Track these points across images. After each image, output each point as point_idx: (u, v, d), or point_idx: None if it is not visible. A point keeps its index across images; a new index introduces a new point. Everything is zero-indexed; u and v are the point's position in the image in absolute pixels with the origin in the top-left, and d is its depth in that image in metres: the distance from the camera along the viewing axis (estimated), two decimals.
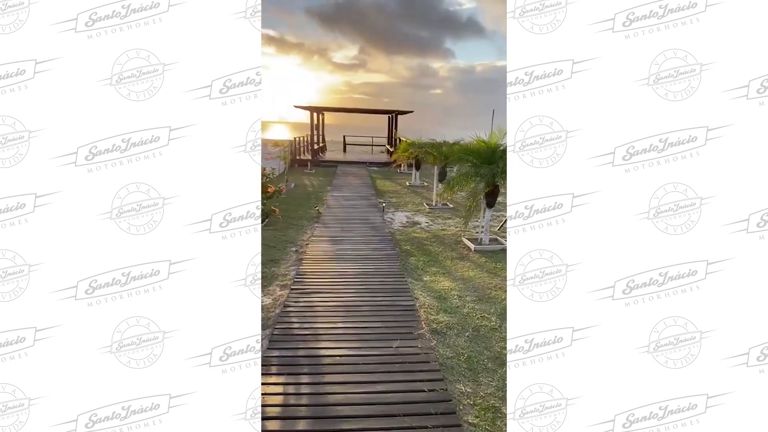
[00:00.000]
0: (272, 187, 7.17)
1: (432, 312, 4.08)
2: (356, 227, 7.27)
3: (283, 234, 6.62)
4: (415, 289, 4.63)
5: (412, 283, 4.82)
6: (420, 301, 4.32)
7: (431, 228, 7.57)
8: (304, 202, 9.49)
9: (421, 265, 5.46)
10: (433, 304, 4.27)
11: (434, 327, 3.77)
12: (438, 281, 4.93)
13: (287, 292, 4.39)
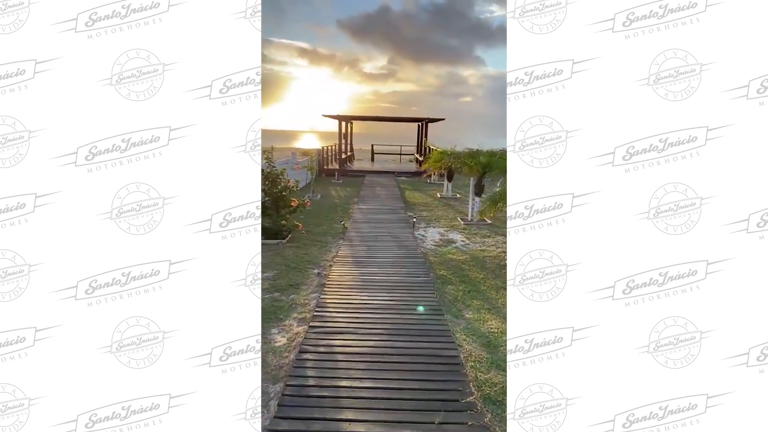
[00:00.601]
0: (296, 201, 6.92)
1: (482, 368, 3.14)
2: (384, 246, 6.43)
3: (306, 252, 6.05)
4: (456, 330, 3.73)
5: (452, 322, 3.92)
6: (464, 349, 3.41)
7: (469, 248, 6.52)
8: (329, 214, 8.87)
9: (461, 297, 4.52)
10: (481, 355, 3.34)
11: (487, 392, 2.83)
12: (483, 320, 4.00)
13: (305, 330, 3.67)
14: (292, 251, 6.04)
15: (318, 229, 7.45)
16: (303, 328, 3.73)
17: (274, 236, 6.47)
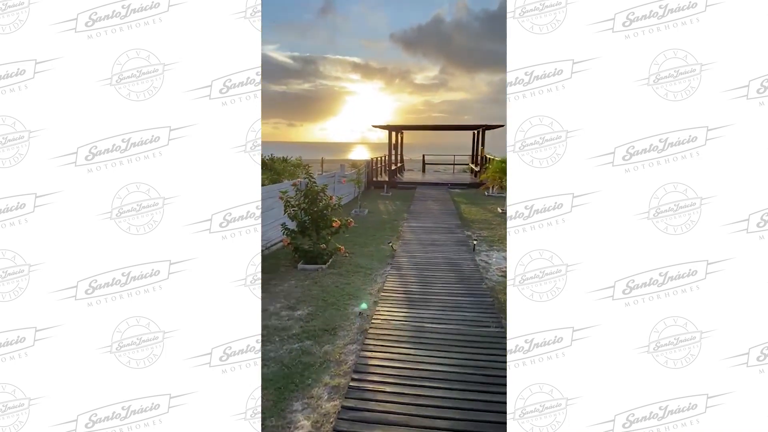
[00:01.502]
0: (338, 221, 6.09)
1: None
2: (440, 277, 5.36)
3: (347, 282, 5.24)
4: None
5: None
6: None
7: None
8: (377, 233, 8.10)
9: None
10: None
11: None
12: None
13: (337, 407, 2.71)
14: (332, 280, 5.32)
15: (363, 251, 6.71)
16: (334, 405, 2.74)
17: (313, 260, 5.81)
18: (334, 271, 5.69)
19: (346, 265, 5.95)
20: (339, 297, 4.75)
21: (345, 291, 4.94)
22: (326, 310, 4.37)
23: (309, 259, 5.83)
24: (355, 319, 4.16)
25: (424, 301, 4.56)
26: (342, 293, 4.86)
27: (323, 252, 5.85)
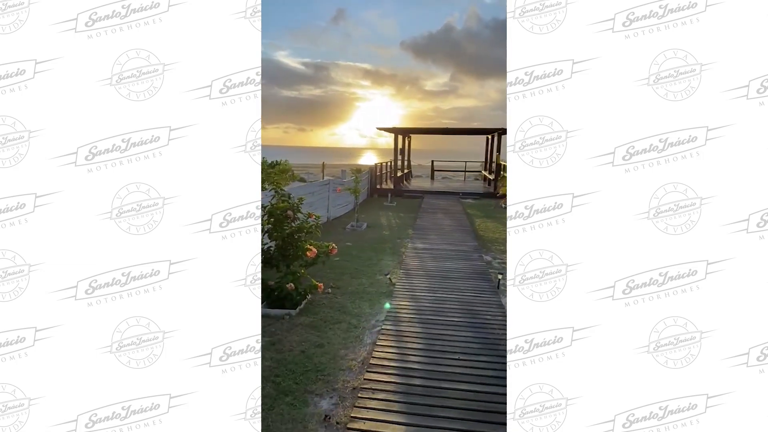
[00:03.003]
0: (313, 250, 4.50)
1: None
2: (453, 335, 3.77)
3: (320, 341, 3.65)
4: None
5: None
6: None
7: None
8: (373, 255, 6.49)
9: None
10: None
11: None
12: None
13: None
14: (300, 337, 3.73)
15: (353, 284, 5.10)
16: None
17: (279, 303, 4.23)
18: (307, 319, 4.10)
19: (325, 308, 4.37)
20: (303, 373, 3.13)
21: (313, 361, 3.30)
22: (278, 402, 2.74)
23: (274, 301, 4.28)
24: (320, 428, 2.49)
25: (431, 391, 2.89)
26: (306, 367, 3.21)
27: (292, 293, 4.24)
